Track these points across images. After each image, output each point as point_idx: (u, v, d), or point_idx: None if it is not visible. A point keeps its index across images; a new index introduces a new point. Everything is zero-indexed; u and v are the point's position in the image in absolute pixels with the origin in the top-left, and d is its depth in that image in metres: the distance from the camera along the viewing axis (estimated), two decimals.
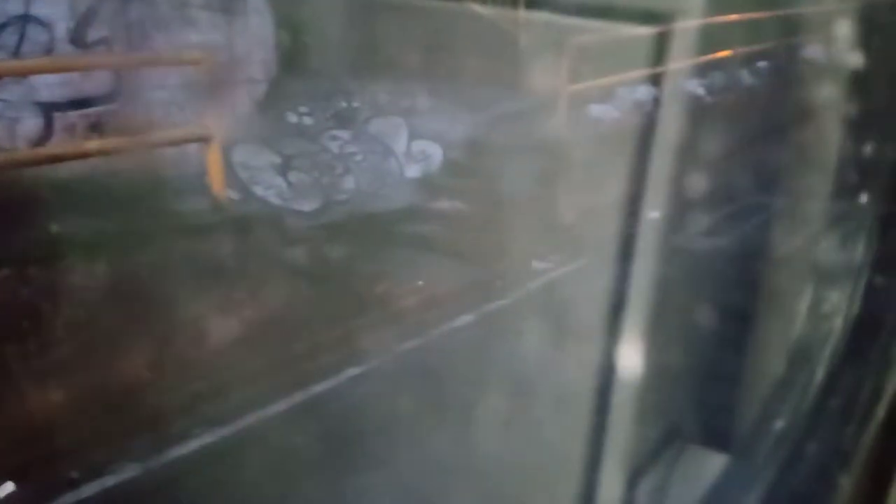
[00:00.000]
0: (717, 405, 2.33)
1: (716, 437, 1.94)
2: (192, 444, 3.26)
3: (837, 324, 1.63)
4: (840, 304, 1.66)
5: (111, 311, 3.73)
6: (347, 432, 3.35)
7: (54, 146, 5.12)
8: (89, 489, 2.97)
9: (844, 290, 1.66)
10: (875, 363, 1.33)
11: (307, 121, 6.33)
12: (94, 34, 5.39)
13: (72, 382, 3.18)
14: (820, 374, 1.56)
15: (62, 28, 5.32)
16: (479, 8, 7.31)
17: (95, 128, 5.33)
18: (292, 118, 6.29)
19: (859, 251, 1.68)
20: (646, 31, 5.01)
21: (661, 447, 1.91)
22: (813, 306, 1.87)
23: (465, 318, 4.44)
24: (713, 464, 1.71)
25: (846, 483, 1.17)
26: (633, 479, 1.77)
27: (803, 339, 1.87)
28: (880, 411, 1.19)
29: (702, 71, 8.45)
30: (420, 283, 4.70)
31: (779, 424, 1.60)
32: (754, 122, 7.52)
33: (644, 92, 7.24)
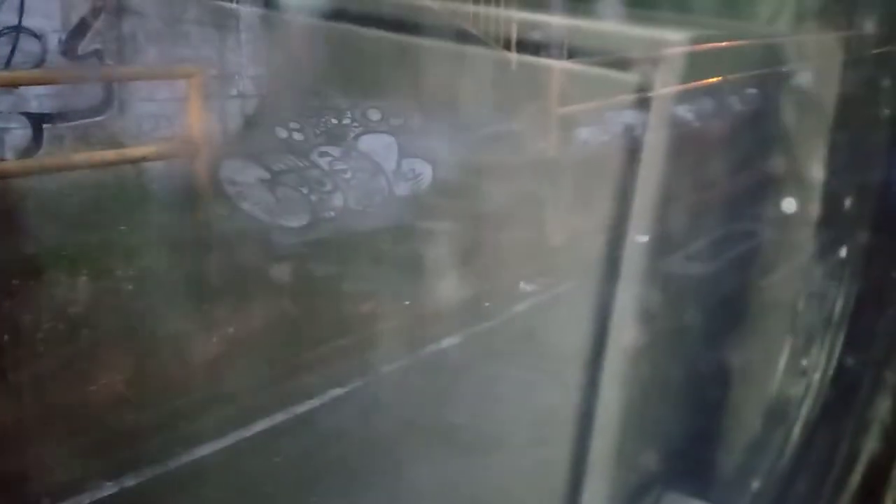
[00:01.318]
0: (697, 451, 2.31)
1: (695, 486, 1.92)
2: (171, 464, 3.22)
3: (815, 379, 1.62)
4: (819, 360, 1.65)
5: (92, 326, 3.69)
6: (329, 453, 3.32)
7: (42, 157, 5.09)
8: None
9: (823, 346, 1.66)
10: (852, 425, 1.32)
11: (297, 137, 6.32)
12: (85, 47, 5.38)
13: (48, 398, 3.13)
14: (797, 432, 1.55)
15: (54, 40, 5.31)
16: (471, 29, 7.36)
17: (84, 140, 5.30)
18: (282, 134, 6.29)
19: (838, 308, 1.67)
20: (635, 55, 5.06)
21: (639, 493, 1.90)
22: (791, 361, 1.86)
23: (451, 340, 4.42)
24: None
25: None
26: None
27: (781, 394, 1.86)
28: (856, 475, 1.18)
29: (691, 96, 8.52)
30: (406, 303, 4.68)
31: (755, 483, 1.59)
32: (742, 148, 7.57)
33: (633, 116, 7.28)
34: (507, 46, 7.31)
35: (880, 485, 1.06)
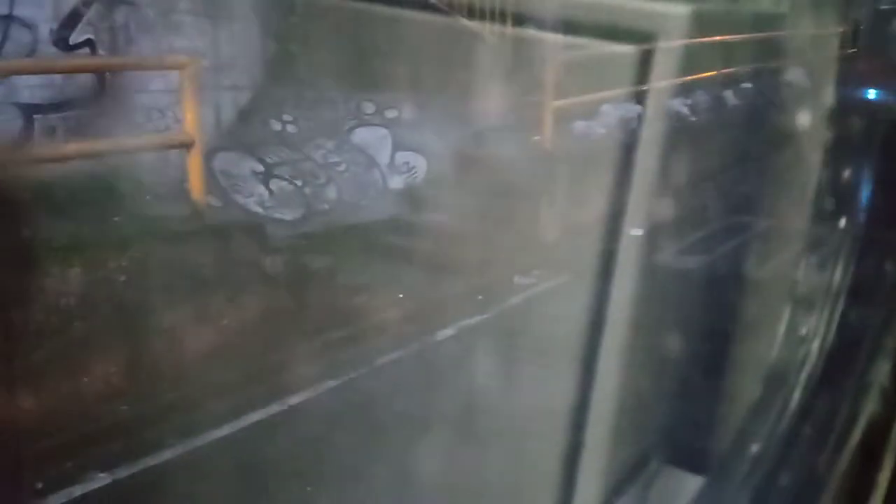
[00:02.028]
0: (694, 426, 2.32)
1: (691, 459, 1.93)
2: (164, 455, 3.20)
3: (814, 348, 1.63)
4: (818, 328, 1.66)
5: (85, 318, 3.66)
6: (323, 445, 3.31)
7: (33, 148, 5.04)
8: (55, 499, 2.91)
9: (822, 314, 1.66)
10: (851, 388, 1.32)
11: (291, 129, 6.29)
12: (77, 37, 5.33)
13: (40, 389, 3.11)
14: (796, 398, 1.55)
15: (45, 30, 5.26)
16: (466, 22, 7.33)
17: (76, 131, 5.26)
18: (276, 126, 6.26)
19: (837, 275, 1.68)
20: (631, 48, 5.04)
21: (636, 468, 1.90)
22: (790, 330, 1.87)
23: (446, 332, 4.42)
24: (688, 485, 1.70)
25: None
26: (608, 500, 1.76)
27: (780, 362, 1.87)
28: (855, 437, 1.18)
29: (686, 90, 8.52)
30: (400, 295, 4.67)
31: (754, 448, 1.60)
32: (736, 142, 7.59)
33: (630, 109, 7.28)
34: (502, 21, 7.27)
35: (880, 446, 1.06)
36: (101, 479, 3.03)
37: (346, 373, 3.90)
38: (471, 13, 7.28)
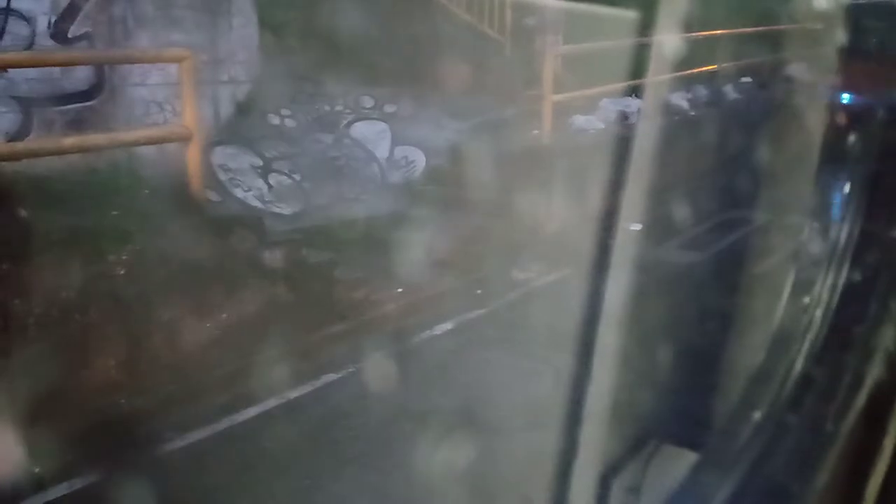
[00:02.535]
0: (694, 405, 2.33)
1: (690, 437, 1.93)
2: (163, 448, 3.21)
3: (818, 314, 1.63)
4: (821, 295, 1.65)
5: (83, 311, 3.66)
6: (323, 438, 3.32)
7: (32, 141, 5.04)
8: (55, 492, 2.92)
9: (825, 281, 1.66)
10: (855, 354, 1.32)
11: (289, 123, 6.29)
12: (75, 30, 5.33)
13: (39, 382, 3.11)
14: (799, 365, 1.55)
15: (43, 23, 5.25)
16: (465, 16, 7.32)
17: (74, 124, 5.26)
18: (274, 120, 6.25)
19: (840, 241, 1.68)
20: (630, 42, 5.04)
21: (635, 446, 1.91)
22: (792, 299, 1.87)
23: (444, 326, 4.42)
24: (688, 463, 1.70)
25: (824, 472, 1.16)
26: (606, 479, 1.76)
27: (782, 331, 1.87)
28: (860, 401, 1.18)
29: (686, 84, 8.51)
30: (399, 290, 4.67)
31: (756, 416, 1.60)
32: (736, 135, 7.58)
33: (629, 103, 7.27)
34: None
35: (885, 411, 1.06)
36: (100, 473, 3.04)
37: (346, 366, 3.91)
38: (469, 6, 7.26)
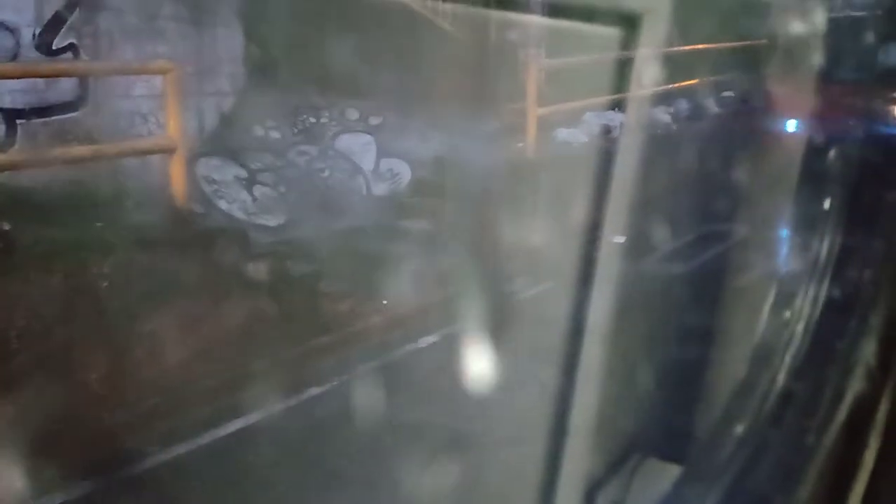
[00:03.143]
0: (678, 419, 2.34)
1: (674, 450, 1.94)
2: (146, 462, 3.18)
3: (799, 329, 1.65)
4: (802, 309, 1.67)
5: (65, 323, 3.64)
6: (307, 453, 3.31)
7: (16, 153, 5.01)
8: None
9: (806, 295, 1.67)
10: (836, 368, 1.33)
11: (274, 135, 6.29)
12: (60, 41, 5.31)
13: (21, 396, 3.08)
14: (781, 379, 1.57)
15: (27, 34, 5.23)
16: (450, 29, 7.36)
17: (58, 136, 5.23)
18: (259, 132, 6.25)
19: (821, 257, 1.70)
20: (613, 56, 5.09)
21: (619, 460, 1.92)
22: (774, 313, 1.89)
23: (429, 339, 4.42)
24: (672, 476, 1.71)
25: (806, 486, 1.17)
26: (591, 493, 1.77)
27: (764, 345, 1.88)
28: (841, 414, 1.19)
29: (668, 98, 8.60)
30: (384, 302, 4.67)
31: (739, 429, 1.61)
32: (718, 149, 7.66)
33: (612, 117, 7.33)
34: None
35: (865, 425, 1.08)
36: (84, 488, 3.01)
37: (330, 380, 3.90)
38: (455, 19, 7.31)
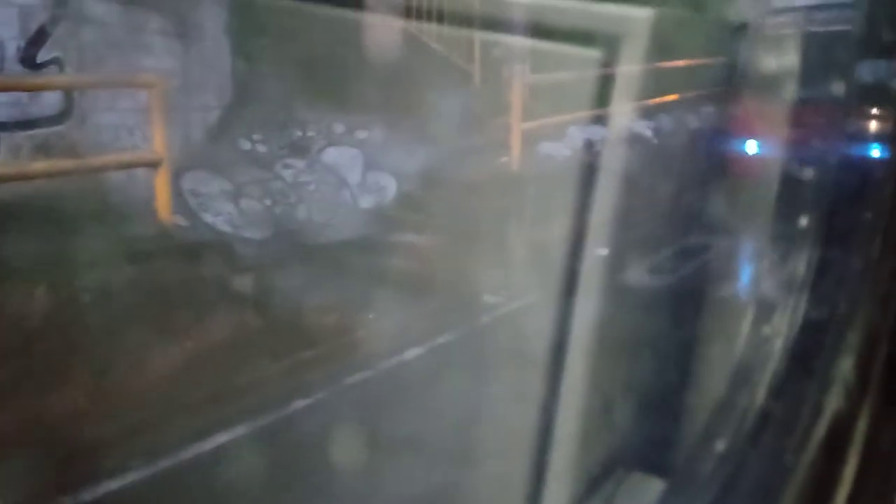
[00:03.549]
0: (659, 433, 2.36)
1: (657, 464, 1.96)
2: (129, 477, 3.16)
3: (777, 345, 1.67)
4: (780, 326, 1.70)
5: (49, 339, 3.61)
6: (293, 466, 3.30)
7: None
8: None
9: (784, 312, 1.70)
10: (814, 384, 1.35)
11: (260, 148, 6.30)
12: (44, 55, 5.30)
13: (2, 410, 3.06)
14: (760, 396, 1.59)
15: (12, 47, 5.21)
16: (435, 45, 7.43)
17: (42, 149, 5.21)
18: (245, 145, 6.26)
19: (799, 274, 1.72)
20: (596, 72, 5.15)
21: (603, 474, 1.94)
22: (753, 329, 1.91)
23: (415, 351, 4.43)
24: (655, 490, 1.73)
25: (786, 502, 1.19)
26: None
27: (744, 362, 1.91)
28: (819, 432, 1.21)
29: (650, 113, 8.70)
30: (370, 315, 4.68)
31: (720, 446, 1.63)
32: (698, 164, 7.76)
33: (595, 131, 7.41)
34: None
35: (844, 441, 1.09)
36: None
37: (315, 393, 3.89)
38: (440, 37, 7.37)
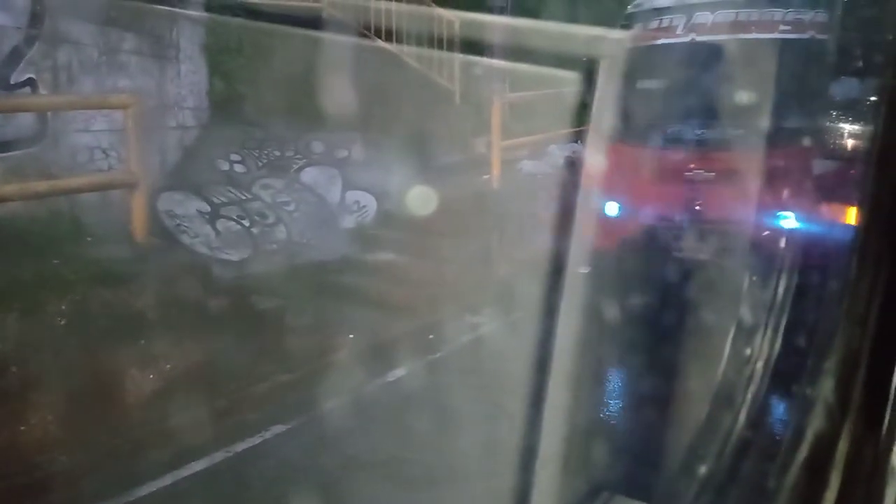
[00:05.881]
0: (644, 456, 2.34)
1: (641, 487, 1.94)
2: None
3: (759, 367, 1.66)
4: (761, 348, 1.69)
5: (20, 363, 3.53)
6: (271, 492, 3.24)
7: None
8: None
9: (765, 335, 1.70)
10: (796, 406, 1.35)
11: (238, 168, 6.25)
12: (18, 76, 5.23)
13: None
14: (742, 417, 1.58)
15: None
16: (415, 63, 7.44)
17: (16, 171, 5.13)
18: (223, 165, 6.21)
19: (778, 295, 1.72)
20: (575, 90, 5.17)
21: (586, 498, 1.91)
22: (735, 350, 1.91)
23: (397, 373, 4.39)
24: None
25: None
26: None
27: (726, 384, 1.90)
28: (801, 454, 1.20)
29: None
30: (351, 336, 4.63)
31: (703, 469, 1.61)
32: None
33: (575, 149, 7.43)
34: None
35: (826, 462, 1.08)
36: None
37: (296, 417, 3.83)
38: (420, 56, 7.39)
